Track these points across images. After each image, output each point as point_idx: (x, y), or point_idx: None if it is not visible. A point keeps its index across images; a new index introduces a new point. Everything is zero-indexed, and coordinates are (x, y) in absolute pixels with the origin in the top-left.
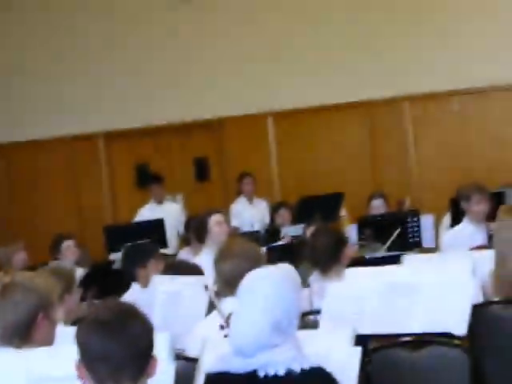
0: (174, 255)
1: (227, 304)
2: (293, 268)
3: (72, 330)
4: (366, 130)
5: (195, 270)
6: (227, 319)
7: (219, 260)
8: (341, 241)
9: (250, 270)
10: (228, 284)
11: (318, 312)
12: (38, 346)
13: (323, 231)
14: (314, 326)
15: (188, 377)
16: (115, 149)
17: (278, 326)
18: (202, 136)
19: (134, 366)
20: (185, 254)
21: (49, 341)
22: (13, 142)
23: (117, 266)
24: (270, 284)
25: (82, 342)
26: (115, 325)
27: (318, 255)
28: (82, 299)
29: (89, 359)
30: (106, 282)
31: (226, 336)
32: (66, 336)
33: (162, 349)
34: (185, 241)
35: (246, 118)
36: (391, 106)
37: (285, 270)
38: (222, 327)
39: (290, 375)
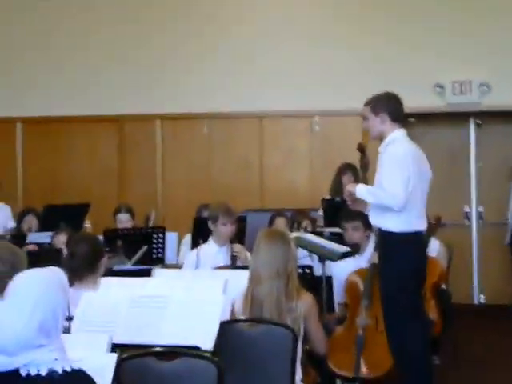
0: None
1: None
2: (61, 271)
3: None
4: (115, 143)
5: None
6: None
7: None
8: (99, 250)
9: (7, 272)
10: None
11: (71, 318)
12: None
13: (82, 239)
14: (66, 331)
15: None
16: None
17: (44, 327)
18: None
19: None
20: None
21: None
22: None
23: None
24: (37, 285)
25: None
26: None
27: (76, 263)
28: None
29: None
30: None
31: None
32: None
33: None
34: None
35: None
36: (142, 123)
37: (53, 272)
38: None
39: (52, 376)
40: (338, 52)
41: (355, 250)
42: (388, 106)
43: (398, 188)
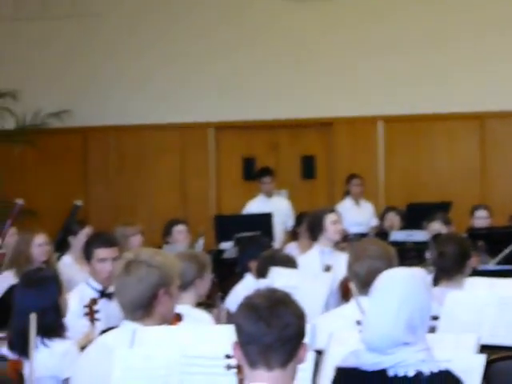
0: (280, 250)
1: (364, 303)
2: (425, 272)
3: (196, 312)
4: (476, 141)
5: (290, 263)
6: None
7: (355, 260)
8: (468, 251)
9: (386, 268)
10: (364, 284)
11: (435, 318)
12: (158, 320)
13: (451, 239)
14: (432, 331)
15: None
16: (224, 140)
17: (411, 325)
18: (311, 135)
19: (284, 351)
20: (291, 249)
21: (168, 316)
22: (125, 125)
23: (226, 255)
24: (405, 284)
25: (236, 325)
26: (267, 310)
27: (445, 262)
28: None
29: (242, 341)
30: (218, 269)
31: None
32: (194, 318)
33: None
34: (293, 235)
35: (357, 120)
36: (504, 119)
37: (418, 272)
38: (359, 323)
39: (419, 377)
40: None
41: None
42: None
43: None
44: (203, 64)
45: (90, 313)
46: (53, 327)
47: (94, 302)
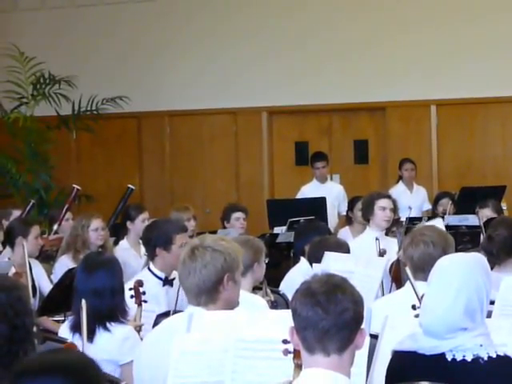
0: (332, 235)
1: (418, 287)
2: (483, 257)
3: (252, 297)
4: None
5: (342, 248)
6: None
7: (410, 244)
8: None
9: (439, 256)
10: (418, 269)
11: (492, 303)
12: (223, 305)
13: (500, 223)
14: (488, 316)
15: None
16: (277, 125)
17: (469, 310)
18: (364, 119)
19: (341, 336)
20: (344, 233)
21: (233, 301)
22: (179, 110)
23: (281, 239)
24: (463, 269)
25: (293, 310)
26: (324, 296)
27: (495, 246)
28: None
29: (299, 326)
30: (271, 254)
31: (416, 316)
32: (250, 303)
33: None
34: (346, 220)
35: (409, 105)
36: None
37: (476, 257)
38: (414, 307)
39: (478, 362)
40: None
41: None
42: None
43: None
44: (257, 50)
45: (136, 295)
46: (117, 310)
47: (139, 284)
